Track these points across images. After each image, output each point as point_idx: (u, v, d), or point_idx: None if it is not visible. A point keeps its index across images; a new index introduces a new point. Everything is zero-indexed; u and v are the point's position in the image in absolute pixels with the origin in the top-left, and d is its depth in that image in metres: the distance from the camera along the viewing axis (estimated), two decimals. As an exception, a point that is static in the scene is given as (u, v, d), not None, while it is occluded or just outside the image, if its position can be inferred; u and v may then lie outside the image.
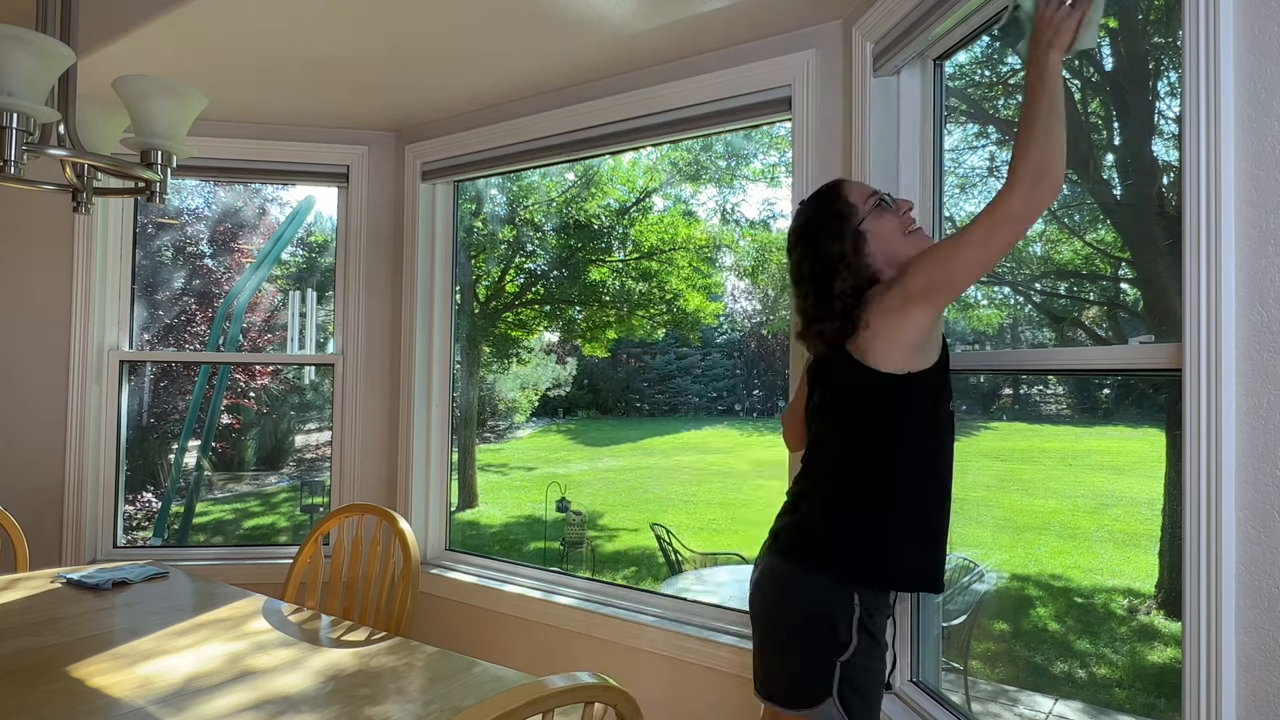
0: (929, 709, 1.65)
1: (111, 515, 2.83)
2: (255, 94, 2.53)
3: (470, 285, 8.65)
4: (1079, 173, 1.95)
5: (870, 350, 1.30)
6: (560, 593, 2.53)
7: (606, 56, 2.21)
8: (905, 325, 1.27)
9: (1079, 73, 1.90)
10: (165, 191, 1.55)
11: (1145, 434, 1.97)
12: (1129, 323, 1.85)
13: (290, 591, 2.10)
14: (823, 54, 1.96)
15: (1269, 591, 0.92)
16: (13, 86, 1.22)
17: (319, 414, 7.84)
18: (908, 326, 1.27)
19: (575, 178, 8.36)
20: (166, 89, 1.44)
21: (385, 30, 2.05)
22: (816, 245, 1.38)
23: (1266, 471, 0.92)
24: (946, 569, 1.39)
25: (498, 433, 11.96)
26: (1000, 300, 2.20)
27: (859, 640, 1.27)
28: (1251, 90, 0.94)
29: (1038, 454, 4.80)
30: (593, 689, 0.98)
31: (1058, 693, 2.81)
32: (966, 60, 1.99)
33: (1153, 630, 2.81)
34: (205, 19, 1.98)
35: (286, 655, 1.57)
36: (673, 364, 13.30)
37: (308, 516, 7.42)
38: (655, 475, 10.38)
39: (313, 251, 7.53)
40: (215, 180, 5.45)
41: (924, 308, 1.26)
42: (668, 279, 8.59)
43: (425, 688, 1.43)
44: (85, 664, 1.48)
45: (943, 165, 1.78)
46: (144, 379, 6.16)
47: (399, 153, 2.91)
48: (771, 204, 9.72)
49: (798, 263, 1.42)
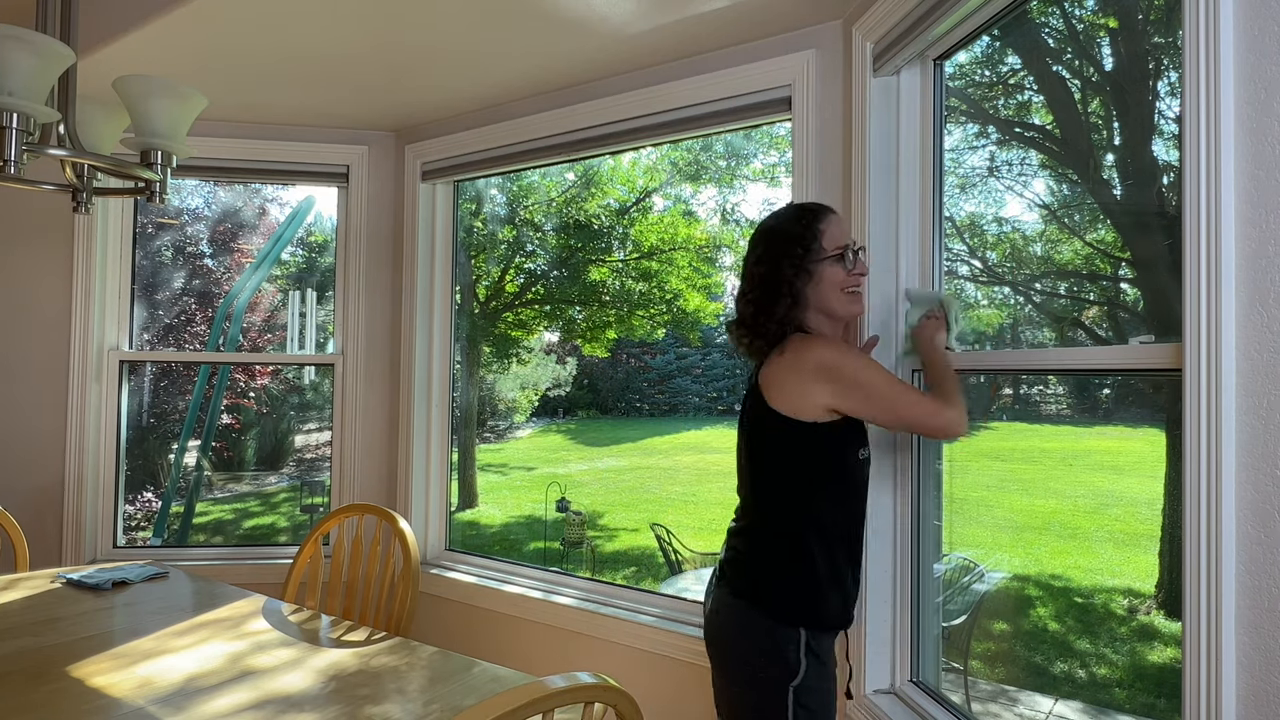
0: (929, 709, 1.65)
1: (111, 515, 2.83)
2: (255, 94, 2.53)
3: (470, 285, 8.64)
4: (1079, 173, 1.95)
5: (774, 392, 1.37)
6: (560, 593, 2.53)
7: (606, 56, 2.21)
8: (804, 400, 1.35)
9: (1079, 73, 1.90)
10: (165, 191, 1.55)
11: (1145, 434, 1.96)
12: (1129, 323, 1.85)
13: (290, 591, 2.10)
14: (823, 54, 1.96)
15: (1269, 591, 0.92)
16: (13, 86, 1.22)
17: (319, 414, 7.84)
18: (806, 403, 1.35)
19: (575, 178, 8.35)
20: (166, 89, 1.44)
21: (385, 30, 2.05)
22: (774, 260, 1.43)
23: (1266, 471, 0.92)
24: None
25: (498, 433, 11.96)
26: (1000, 300, 2.20)
27: (807, 664, 1.37)
28: (1251, 90, 0.94)
29: (1038, 454, 4.80)
30: (593, 689, 0.98)
31: (1058, 693, 2.81)
32: (966, 60, 1.99)
33: (1153, 630, 2.81)
34: (205, 19, 1.98)
35: (286, 655, 1.57)
36: (673, 364, 13.29)
37: (308, 516, 7.41)
38: (655, 475, 10.37)
39: (313, 251, 7.52)
40: (215, 180, 5.45)
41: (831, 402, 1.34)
42: (668, 279, 8.59)
43: (425, 688, 1.43)
44: (85, 664, 1.47)
45: (943, 165, 1.78)
46: (144, 379, 6.16)
47: (399, 153, 2.91)
48: (771, 204, 9.70)
49: (753, 263, 1.46)
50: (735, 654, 1.44)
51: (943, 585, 1.84)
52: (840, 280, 1.42)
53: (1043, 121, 2.01)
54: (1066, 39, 1.87)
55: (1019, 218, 2.09)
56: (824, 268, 1.41)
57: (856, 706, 1.78)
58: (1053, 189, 2.05)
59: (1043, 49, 1.89)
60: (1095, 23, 1.83)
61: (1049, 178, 2.04)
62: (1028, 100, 2.04)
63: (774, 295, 1.40)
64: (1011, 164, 2.05)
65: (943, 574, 1.84)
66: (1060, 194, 2.03)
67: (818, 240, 1.41)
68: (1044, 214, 2.03)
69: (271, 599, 1.93)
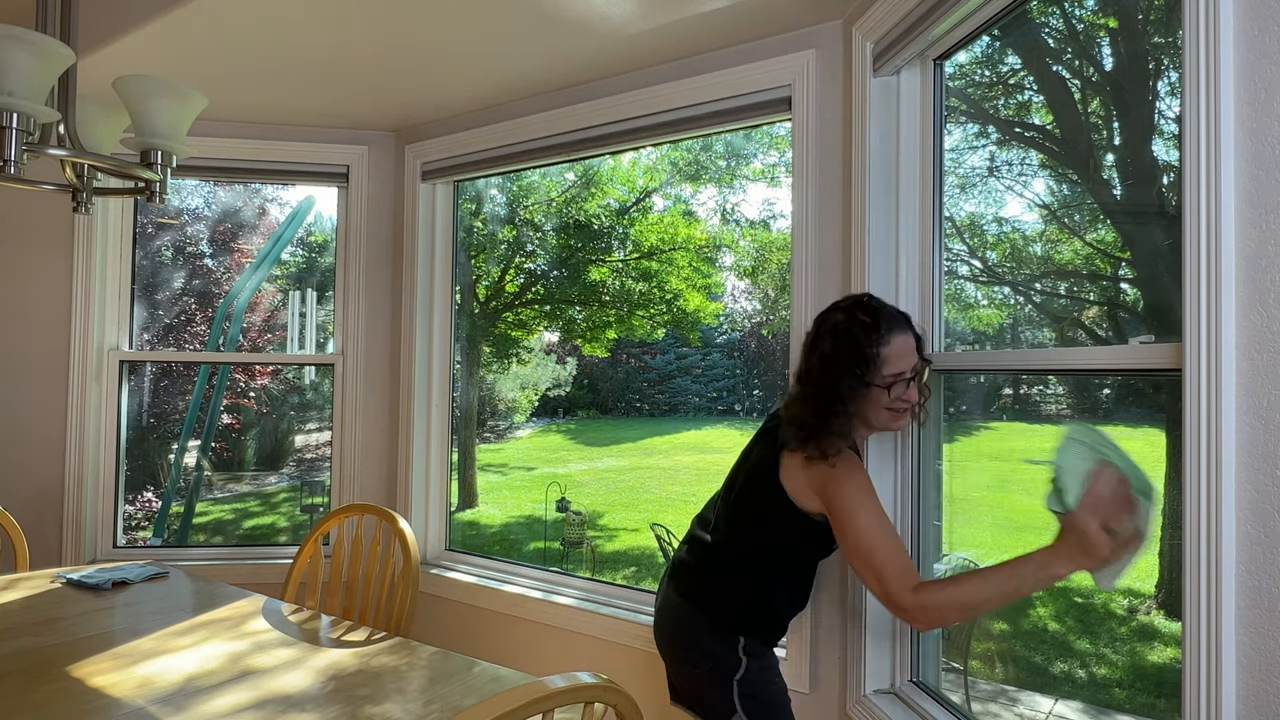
0: (929, 709, 1.65)
1: (111, 515, 2.83)
2: (255, 94, 2.53)
3: (470, 285, 8.64)
4: (1079, 173, 1.95)
5: (788, 475, 1.45)
6: (560, 593, 2.53)
7: (606, 56, 2.21)
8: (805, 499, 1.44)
9: (1079, 73, 1.90)
10: (165, 191, 1.55)
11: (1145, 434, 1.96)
12: (1129, 323, 1.85)
13: (290, 591, 2.10)
14: (823, 54, 1.96)
15: (1269, 591, 0.92)
16: (13, 86, 1.22)
17: (319, 414, 7.83)
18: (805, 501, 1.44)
19: (575, 178, 8.35)
20: (166, 89, 1.44)
21: (385, 30, 2.05)
22: (835, 371, 1.42)
23: (1266, 471, 0.92)
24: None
25: (498, 433, 11.95)
26: (1000, 300, 2.20)
27: (747, 661, 1.50)
28: (1251, 90, 0.94)
29: (1038, 454, 4.80)
30: (593, 689, 0.98)
31: (1058, 693, 2.81)
32: (966, 60, 1.99)
33: (1153, 630, 2.80)
34: (205, 19, 1.98)
35: (287, 655, 1.57)
36: (673, 364, 13.28)
37: (308, 516, 7.41)
38: (655, 475, 10.37)
39: (313, 251, 7.52)
40: (215, 180, 5.45)
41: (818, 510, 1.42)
42: (668, 279, 8.59)
43: (425, 688, 1.43)
44: (85, 664, 1.47)
45: (943, 165, 1.78)
46: (144, 379, 6.16)
47: (399, 153, 2.91)
48: (771, 204, 9.72)
49: (815, 357, 1.45)
50: (678, 651, 1.58)
51: (943, 585, 1.84)
52: (888, 401, 1.43)
53: (1043, 121, 2.01)
54: (1066, 39, 1.87)
55: (1019, 218, 2.09)
56: (877, 389, 1.42)
57: (856, 706, 1.78)
58: (1053, 189, 2.04)
59: (1043, 49, 1.89)
60: (1095, 23, 1.83)
61: (1049, 178, 2.04)
62: (1028, 100, 2.04)
63: (829, 408, 1.41)
64: (1011, 164, 2.05)
65: (943, 574, 1.84)
66: (1060, 194, 2.03)
67: (879, 363, 1.40)
68: (1044, 214, 2.03)
69: (271, 599, 1.93)
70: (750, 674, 1.49)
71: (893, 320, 1.43)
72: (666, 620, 1.61)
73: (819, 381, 1.43)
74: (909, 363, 1.42)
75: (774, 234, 9.30)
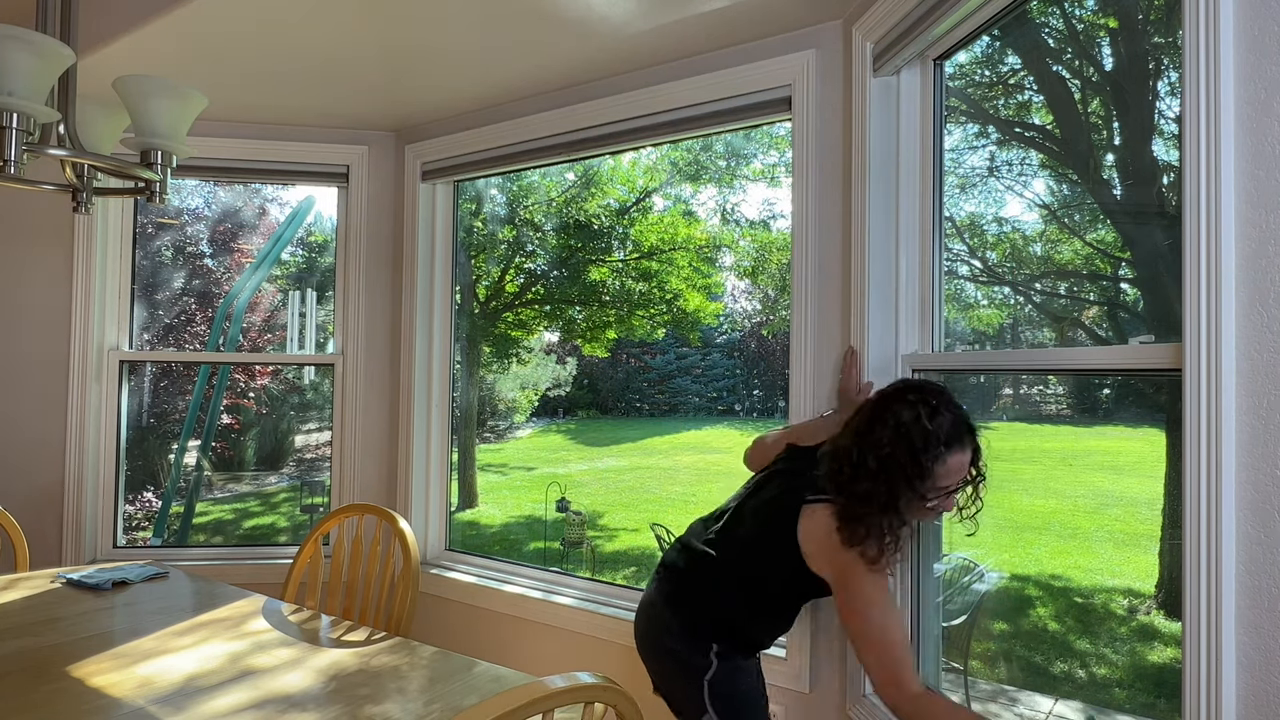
0: (929, 709, 1.64)
1: (111, 515, 2.83)
2: (255, 94, 2.53)
3: (470, 285, 8.64)
4: (1079, 173, 1.95)
5: (807, 536, 1.48)
6: (560, 593, 2.53)
7: (606, 56, 2.21)
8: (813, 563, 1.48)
9: (1079, 73, 1.90)
10: (165, 191, 1.55)
11: (1145, 434, 1.96)
12: (1129, 323, 1.85)
13: (290, 591, 2.10)
14: (823, 54, 1.96)
15: (1269, 591, 0.92)
16: (13, 86, 1.22)
17: (319, 414, 7.83)
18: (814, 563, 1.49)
19: (575, 178, 8.35)
20: (166, 89, 1.44)
21: (385, 30, 2.05)
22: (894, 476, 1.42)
23: (1266, 471, 0.92)
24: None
25: (498, 433, 11.95)
26: (1000, 300, 2.20)
27: (718, 664, 1.55)
28: (1251, 90, 0.94)
29: (1038, 454, 4.79)
30: (593, 689, 0.98)
31: (1058, 693, 2.81)
32: (966, 60, 1.99)
33: (1153, 630, 2.80)
34: (205, 19, 1.98)
35: (287, 655, 1.57)
36: (673, 364, 13.28)
37: (308, 516, 7.41)
38: (655, 475, 10.37)
39: (313, 251, 7.51)
40: (215, 180, 5.45)
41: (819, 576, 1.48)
42: (668, 279, 8.59)
43: (425, 687, 1.43)
44: (85, 664, 1.48)
45: (943, 165, 1.78)
46: (144, 379, 6.16)
47: (399, 153, 2.91)
48: (771, 204, 9.71)
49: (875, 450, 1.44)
50: (654, 650, 1.63)
51: (943, 585, 1.84)
52: (929, 504, 1.45)
53: (1043, 121, 2.01)
54: (1066, 39, 1.87)
55: (1019, 218, 2.09)
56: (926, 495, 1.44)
57: (856, 706, 1.78)
58: (1053, 189, 2.04)
59: (1043, 49, 1.89)
60: (1095, 23, 1.83)
61: (1049, 178, 2.04)
62: (1028, 100, 2.04)
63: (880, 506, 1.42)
64: (1011, 164, 2.05)
65: (943, 574, 1.84)
66: (1060, 194, 2.03)
67: (934, 478, 1.42)
68: (1044, 214, 2.03)
69: (271, 599, 1.93)
70: (720, 674, 1.54)
71: (954, 433, 1.42)
72: (648, 619, 1.65)
73: (874, 485, 1.43)
74: (958, 478, 1.45)
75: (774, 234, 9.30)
